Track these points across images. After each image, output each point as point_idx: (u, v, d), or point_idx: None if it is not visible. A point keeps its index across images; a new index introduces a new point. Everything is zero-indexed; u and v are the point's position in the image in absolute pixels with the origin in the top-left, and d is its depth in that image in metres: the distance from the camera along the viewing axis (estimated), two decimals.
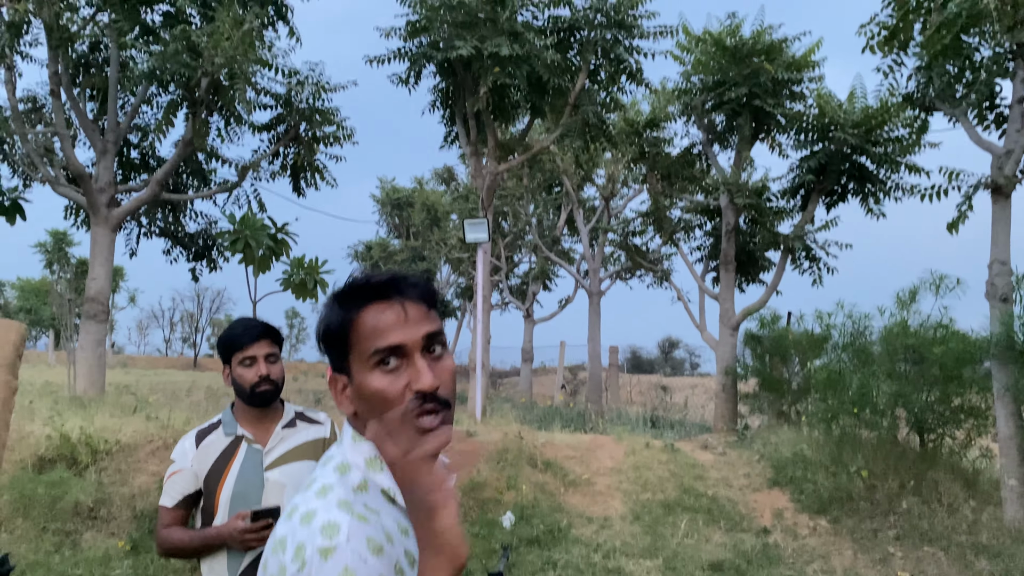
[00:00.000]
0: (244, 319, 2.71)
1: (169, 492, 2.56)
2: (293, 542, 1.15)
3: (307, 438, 2.69)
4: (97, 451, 7.78)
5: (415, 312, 1.30)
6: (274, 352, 2.63)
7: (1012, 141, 7.54)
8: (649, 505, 8.30)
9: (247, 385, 2.57)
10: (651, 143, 14.21)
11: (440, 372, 1.26)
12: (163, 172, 11.59)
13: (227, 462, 2.57)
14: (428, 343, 1.28)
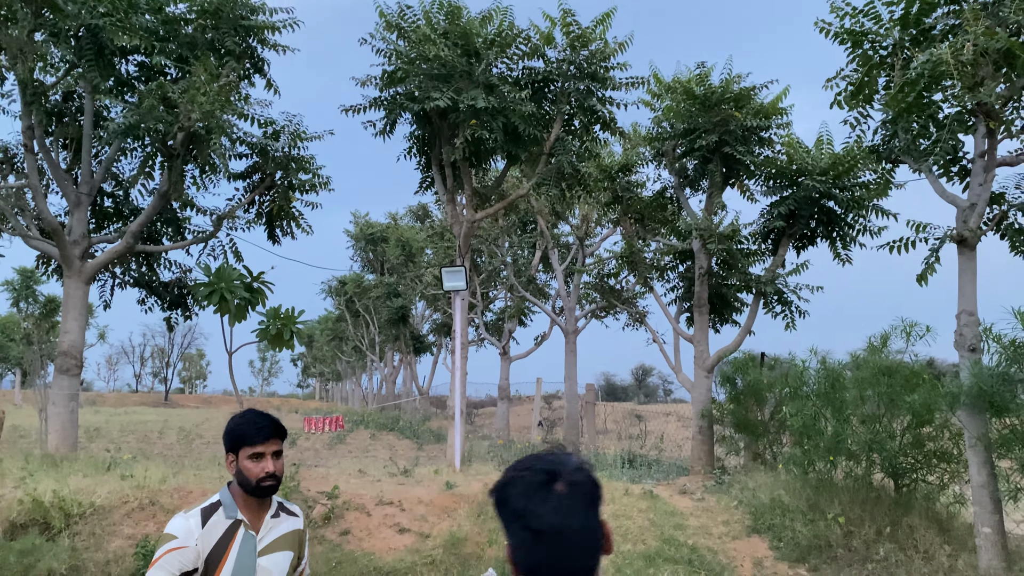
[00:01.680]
0: (254, 413, 2.84)
1: (167, 567, 2.59)
2: None
3: (288, 529, 2.90)
4: (70, 515, 7.66)
5: None
6: (280, 449, 2.80)
7: (975, 194, 7.77)
8: (630, 557, 8.31)
9: (253, 479, 2.71)
10: (624, 187, 14.40)
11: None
12: (138, 224, 11.53)
13: (227, 544, 2.70)
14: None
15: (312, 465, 14.18)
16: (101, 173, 11.94)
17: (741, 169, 12.54)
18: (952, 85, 7.68)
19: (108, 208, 13.15)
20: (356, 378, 56.40)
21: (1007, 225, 8.40)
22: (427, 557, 7.93)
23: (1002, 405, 7.32)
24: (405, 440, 24.20)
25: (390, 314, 31.98)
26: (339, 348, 49.60)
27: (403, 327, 32.61)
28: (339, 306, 41.71)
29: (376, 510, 8.79)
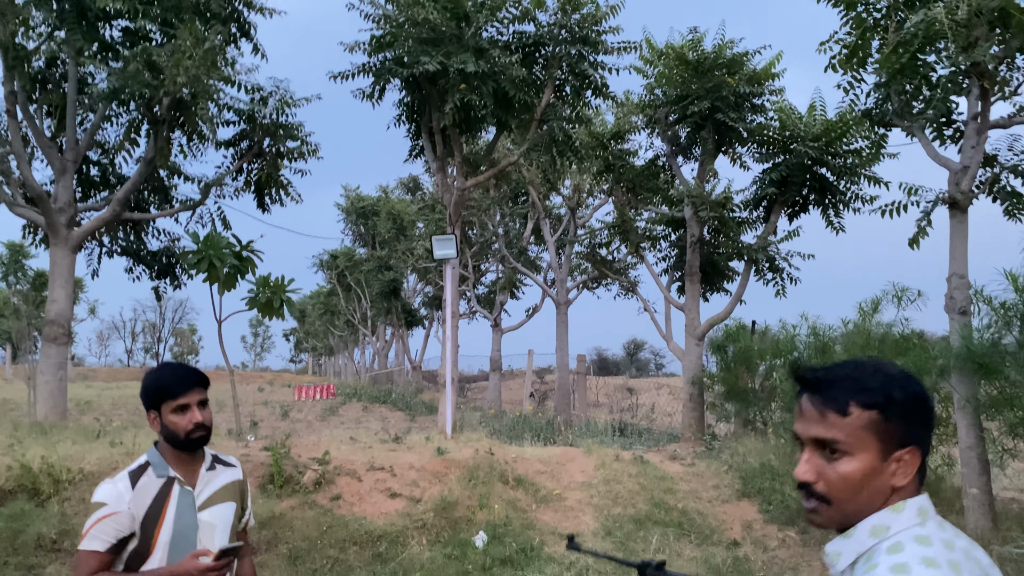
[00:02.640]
0: (171, 365, 2.75)
1: (100, 536, 2.51)
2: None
3: (227, 480, 2.83)
4: (60, 481, 7.63)
5: None
6: (205, 398, 2.72)
7: (968, 157, 7.74)
8: (620, 520, 8.35)
9: (181, 432, 2.63)
10: (616, 155, 14.31)
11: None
12: (124, 191, 11.40)
13: (163, 504, 2.61)
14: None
15: (304, 436, 14.19)
16: (86, 140, 11.78)
17: (733, 136, 12.46)
18: (946, 46, 7.62)
19: (94, 177, 13.01)
20: (348, 352, 56.43)
21: (999, 188, 8.37)
22: (418, 521, 7.95)
23: (991, 367, 7.34)
24: (397, 412, 24.28)
25: (382, 287, 31.90)
26: (331, 322, 49.54)
27: (395, 300, 32.56)
28: (330, 280, 41.57)
29: (367, 476, 8.79)
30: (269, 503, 7.83)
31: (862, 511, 1.39)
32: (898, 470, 1.38)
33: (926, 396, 1.40)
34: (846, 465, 1.37)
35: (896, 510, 1.37)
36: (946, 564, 1.27)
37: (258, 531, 7.37)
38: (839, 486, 1.38)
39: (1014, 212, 8.34)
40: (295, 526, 7.60)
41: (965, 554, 1.34)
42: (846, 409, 1.37)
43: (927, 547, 1.31)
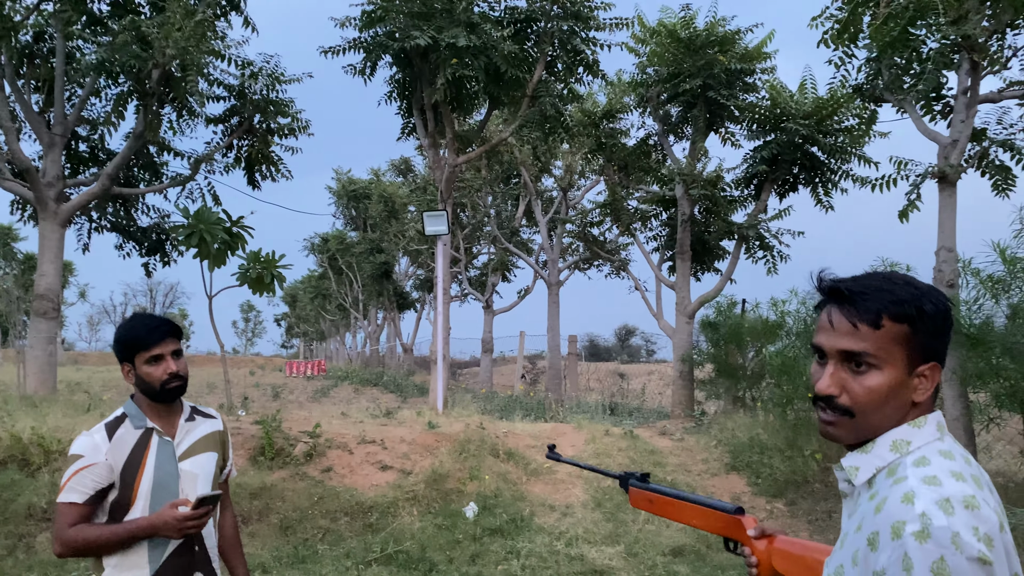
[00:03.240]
0: (143, 316, 2.72)
1: (78, 488, 2.49)
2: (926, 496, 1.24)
3: (207, 431, 2.81)
4: (50, 451, 7.62)
5: None
6: (179, 348, 2.69)
7: (957, 131, 7.77)
8: (610, 492, 8.41)
9: (157, 383, 2.61)
10: (608, 134, 14.31)
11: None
12: (114, 166, 11.33)
13: (142, 454, 2.59)
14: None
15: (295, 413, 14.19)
16: (74, 115, 11.69)
17: (725, 114, 12.47)
18: (937, 19, 7.63)
19: (83, 153, 12.92)
20: (340, 337, 56.40)
21: (988, 162, 8.41)
22: (409, 492, 7.98)
23: (978, 339, 7.39)
24: (389, 394, 24.28)
25: (373, 270, 31.84)
26: (322, 307, 49.48)
27: (386, 283, 32.52)
28: (321, 263, 41.46)
29: (358, 448, 8.82)
30: (260, 474, 7.85)
31: (882, 425, 1.38)
32: (920, 385, 1.36)
33: (951, 312, 1.39)
34: (873, 378, 1.35)
35: (917, 425, 1.37)
36: (970, 478, 1.28)
37: (249, 501, 7.39)
38: (864, 399, 1.36)
39: (1002, 187, 8.38)
40: (286, 497, 7.62)
41: (978, 468, 1.35)
42: (879, 321, 1.35)
43: (952, 461, 1.31)
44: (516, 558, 6.85)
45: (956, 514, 1.20)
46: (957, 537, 1.18)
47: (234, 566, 2.98)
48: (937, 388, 1.39)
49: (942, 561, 1.17)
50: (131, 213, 13.35)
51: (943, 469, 1.28)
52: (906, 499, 1.24)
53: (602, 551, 7.09)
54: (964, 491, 1.23)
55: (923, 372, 1.36)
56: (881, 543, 1.24)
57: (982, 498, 1.24)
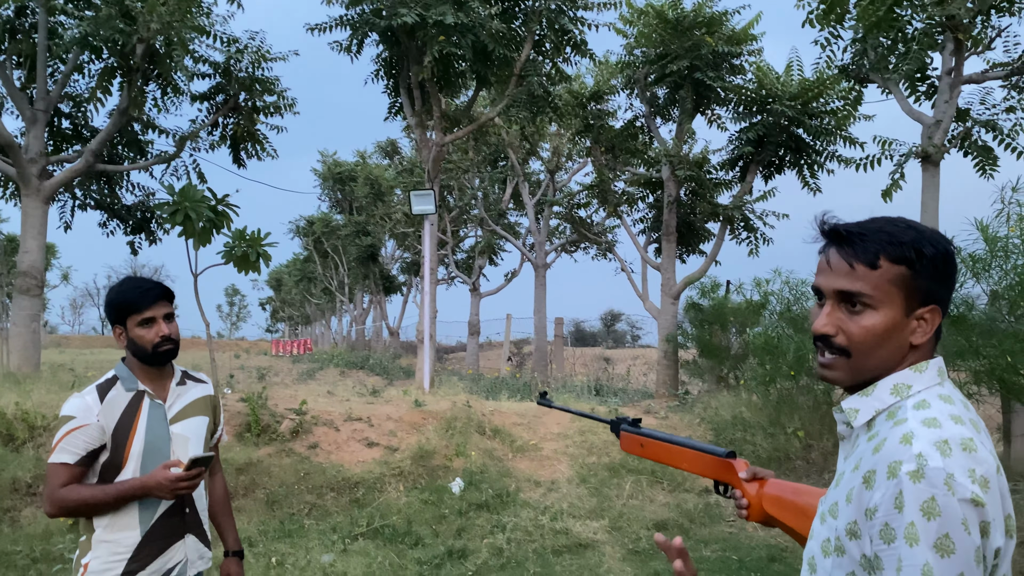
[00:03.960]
0: (135, 279, 2.72)
1: (70, 448, 2.51)
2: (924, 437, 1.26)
3: (198, 395, 2.83)
4: (34, 427, 7.60)
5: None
6: (171, 311, 2.70)
7: (941, 111, 7.84)
8: (595, 468, 8.48)
9: (149, 345, 2.63)
10: (595, 115, 14.31)
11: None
12: (97, 142, 11.23)
13: (133, 416, 2.61)
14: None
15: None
16: (57, 91, 11.56)
17: (711, 96, 12.50)
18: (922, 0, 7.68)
19: (66, 130, 12.79)
20: (325, 320, 56.25)
21: (971, 142, 8.49)
22: (395, 469, 8.02)
23: (959, 317, 7.48)
24: (375, 377, 24.28)
25: (359, 252, 31.74)
26: (308, 290, 49.29)
27: (372, 266, 32.44)
28: (307, 246, 41.26)
29: (344, 426, 8.85)
30: (246, 450, 7.87)
31: (879, 367, 1.39)
32: (919, 328, 1.37)
33: (954, 257, 1.39)
34: (869, 318, 1.36)
35: (918, 370, 1.37)
36: (968, 422, 1.30)
37: (235, 477, 7.40)
38: (860, 339, 1.37)
39: (985, 167, 8.46)
40: (272, 472, 7.64)
41: (976, 415, 1.36)
42: (876, 262, 1.36)
43: (951, 405, 1.32)
44: (502, 532, 6.91)
45: (953, 456, 1.21)
46: (951, 479, 1.19)
47: (224, 529, 3.00)
48: (939, 332, 1.39)
49: (933, 500, 1.19)
50: (115, 191, 13.25)
51: (943, 412, 1.29)
52: (904, 440, 1.25)
53: (587, 525, 7.17)
54: (963, 434, 1.25)
55: (922, 315, 1.36)
56: (876, 481, 1.25)
57: (980, 441, 1.26)
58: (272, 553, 6.31)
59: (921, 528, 1.19)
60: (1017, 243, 6.64)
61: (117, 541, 2.57)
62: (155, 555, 2.60)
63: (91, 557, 2.57)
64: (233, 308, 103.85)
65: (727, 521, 7.62)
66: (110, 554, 2.56)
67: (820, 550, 1.38)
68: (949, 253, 1.37)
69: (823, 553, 1.37)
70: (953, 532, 1.18)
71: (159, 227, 13.60)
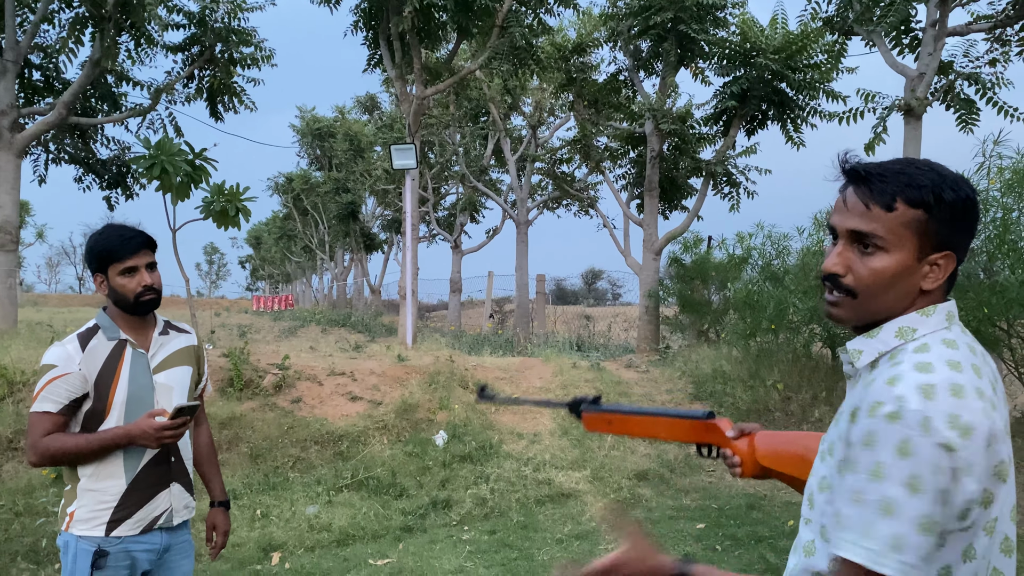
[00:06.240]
0: (117, 227, 2.67)
1: (52, 397, 2.50)
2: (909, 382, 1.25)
3: (181, 344, 2.81)
4: (13, 382, 7.54)
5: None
6: (153, 261, 2.67)
7: (925, 64, 7.82)
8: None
9: (131, 295, 2.60)
10: (578, 69, 14.16)
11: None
12: (70, 94, 10.97)
13: (116, 365, 2.59)
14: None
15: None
16: (27, 41, 11.25)
17: (695, 49, 12.39)
18: None
19: (37, 82, 12.47)
20: (306, 279, 55.99)
21: (953, 95, 8.49)
22: (379, 422, 8.05)
23: None
24: (357, 334, 24.26)
25: (339, 210, 31.46)
26: (288, 248, 48.91)
27: (353, 224, 32.18)
28: (286, 203, 40.83)
29: (328, 380, 8.85)
30: (229, 405, 7.86)
31: (885, 310, 1.38)
32: (930, 273, 1.35)
33: (976, 203, 1.35)
34: (879, 260, 1.34)
35: (925, 314, 1.35)
36: (969, 367, 1.28)
37: (218, 431, 7.40)
38: (868, 280, 1.36)
39: (967, 121, 8.48)
40: (256, 426, 7.65)
41: (983, 358, 1.35)
42: (892, 204, 1.33)
43: (953, 350, 1.31)
44: (485, 482, 6.99)
45: (936, 399, 1.21)
46: (928, 421, 1.19)
47: (209, 480, 3.00)
48: (953, 277, 1.37)
49: (906, 441, 1.20)
50: (90, 145, 12.99)
51: (940, 357, 1.28)
52: (891, 381, 1.25)
53: (569, 475, 7.26)
54: (954, 379, 1.24)
55: (935, 260, 1.34)
56: (858, 418, 1.26)
57: (975, 387, 1.25)
58: (257, 505, 6.35)
59: (893, 466, 1.20)
60: (997, 196, 6.69)
61: (102, 490, 2.57)
62: (141, 503, 2.61)
63: (77, 506, 2.58)
64: (213, 266, 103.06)
65: (706, 471, 7.75)
66: (96, 503, 2.57)
67: (817, 486, 1.39)
68: (971, 199, 1.34)
69: (819, 489, 1.38)
70: (924, 473, 1.19)
71: (135, 182, 13.38)
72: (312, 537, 5.84)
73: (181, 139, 12.04)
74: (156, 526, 2.64)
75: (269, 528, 5.94)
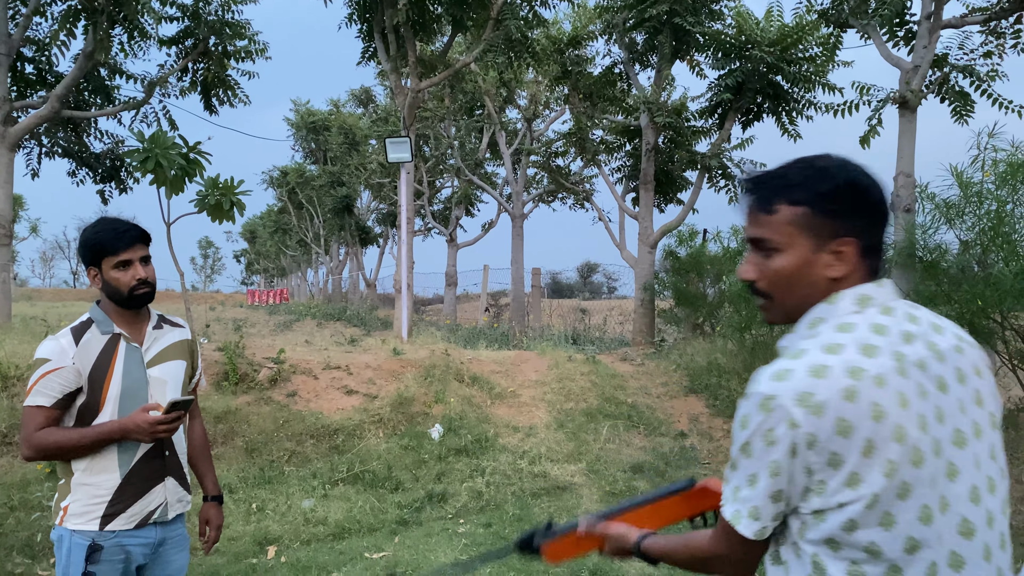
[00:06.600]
0: (110, 220, 2.66)
1: (45, 391, 2.49)
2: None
3: (175, 339, 2.80)
4: (7, 377, 7.52)
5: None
6: (147, 254, 2.66)
7: (919, 56, 7.81)
8: (572, 414, 8.57)
9: (125, 288, 2.59)
10: (573, 61, 14.13)
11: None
12: (63, 87, 10.91)
13: (110, 359, 2.58)
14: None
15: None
16: (19, 34, 11.19)
17: (690, 42, 12.36)
18: None
19: (30, 75, 12.40)
20: (301, 273, 55.89)
21: (948, 88, 8.49)
22: (375, 416, 8.05)
23: (932, 263, 7.57)
24: (353, 328, 24.25)
25: (334, 203, 31.39)
26: (283, 242, 48.81)
27: (348, 217, 32.10)
28: (281, 197, 40.72)
29: (323, 374, 8.84)
30: (224, 399, 7.85)
31: (802, 304, 1.43)
32: (833, 262, 1.40)
33: (861, 185, 1.40)
34: (778, 261, 1.41)
35: (831, 302, 1.40)
36: (855, 348, 1.32)
37: (213, 425, 7.40)
38: (774, 281, 1.44)
39: (962, 112, 8.48)
40: (251, 420, 7.64)
41: (905, 338, 1.35)
42: (771, 208, 1.41)
43: (843, 333, 1.34)
44: (481, 476, 7.00)
45: (789, 381, 1.29)
46: (770, 400, 1.29)
47: (203, 474, 3.00)
48: (874, 259, 1.42)
49: (747, 416, 1.33)
50: (83, 138, 12.92)
51: (821, 342, 1.34)
52: (762, 369, 1.36)
53: (564, 468, 7.27)
54: (822, 361, 1.30)
55: (834, 249, 1.39)
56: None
57: (850, 367, 1.29)
58: (252, 499, 6.35)
59: (737, 435, 1.35)
60: (991, 188, 6.69)
61: (96, 484, 2.56)
62: (135, 498, 2.60)
63: (71, 500, 2.57)
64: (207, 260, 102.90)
65: (702, 463, 7.77)
66: (90, 497, 2.56)
67: None
68: (852, 182, 1.39)
69: None
70: (755, 442, 1.31)
71: (129, 176, 13.33)
72: (308, 531, 5.84)
73: (175, 132, 12.02)
74: (151, 520, 2.64)
75: (265, 522, 5.94)
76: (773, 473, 1.30)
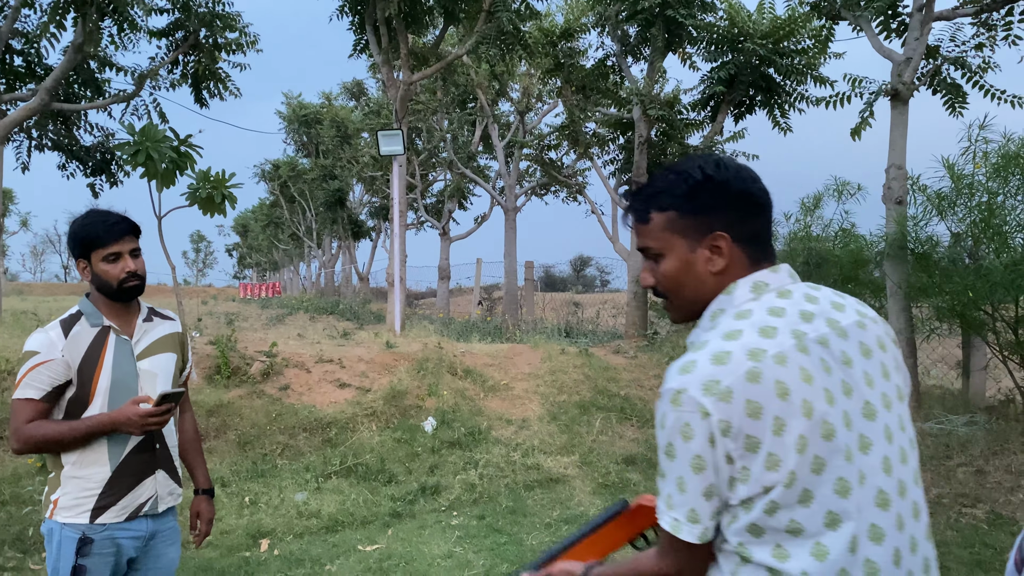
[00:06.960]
0: (100, 212, 2.65)
1: (34, 384, 2.48)
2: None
3: (165, 331, 2.79)
4: None
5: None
6: (137, 247, 2.65)
7: (911, 48, 7.82)
8: (565, 406, 8.58)
9: (114, 281, 2.58)
10: (566, 54, 14.10)
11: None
12: (52, 79, 10.83)
13: (99, 352, 2.57)
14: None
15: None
16: (7, 26, 11.10)
17: (683, 34, 12.35)
18: None
19: (19, 67, 12.30)
20: (294, 266, 55.76)
21: (940, 80, 8.51)
22: (368, 409, 8.04)
23: (923, 254, 7.60)
24: (345, 321, 24.20)
25: (327, 197, 31.29)
26: (275, 236, 48.64)
27: (340, 211, 32.01)
28: (273, 191, 40.58)
29: (316, 367, 8.83)
30: (216, 392, 7.83)
31: (697, 300, 1.49)
32: (711, 257, 1.45)
33: (718, 180, 1.45)
34: (664, 264, 1.49)
35: (727, 292, 1.45)
36: (754, 331, 1.36)
37: (206, 418, 7.38)
38: (666, 283, 1.51)
39: (954, 105, 8.50)
40: (244, 414, 7.63)
41: (804, 317, 1.39)
42: (645, 216, 1.50)
43: (740, 320, 1.39)
44: (474, 468, 7.00)
45: (694, 372, 1.32)
46: (680, 394, 1.32)
47: (194, 468, 2.99)
48: (758, 248, 1.47)
49: (664, 415, 1.35)
50: (73, 132, 12.83)
51: (721, 331, 1.39)
52: (672, 365, 1.39)
53: (557, 460, 7.28)
54: (723, 348, 1.34)
55: (709, 245, 1.45)
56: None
57: (750, 349, 1.33)
58: (245, 492, 6.34)
59: (658, 437, 1.36)
60: (982, 180, 6.72)
61: (87, 477, 2.55)
62: (125, 491, 2.59)
63: (61, 493, 2.56)
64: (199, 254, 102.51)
65: None
66: (80, 490, 2.55)
67: None
68: (708, 179, 1.45)
69: None
70: (675, 441, 1.33)
71: (120, 169, 13.26)
72: (301, 524, 5.83)
73: (166, 125, 11.89)
74: (141, 513, 2.63)
75: (258, 515, 5.93)
76: (698, 468, 1.31)
